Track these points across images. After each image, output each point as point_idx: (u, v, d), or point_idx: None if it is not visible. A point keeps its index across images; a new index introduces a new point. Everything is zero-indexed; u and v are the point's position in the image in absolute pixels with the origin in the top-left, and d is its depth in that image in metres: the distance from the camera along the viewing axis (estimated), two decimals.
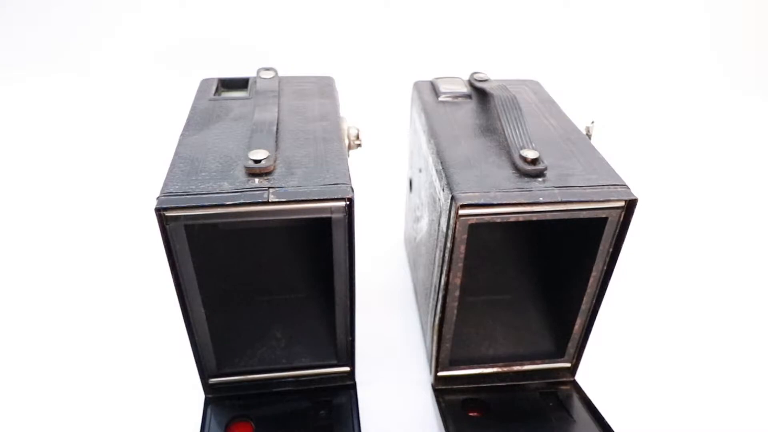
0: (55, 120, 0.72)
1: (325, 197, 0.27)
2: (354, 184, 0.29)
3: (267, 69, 0.40)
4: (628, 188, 0.29)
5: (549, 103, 0.38)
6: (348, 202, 0.28)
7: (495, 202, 0.28)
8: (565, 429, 0.33)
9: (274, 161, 0.29)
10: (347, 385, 0.36)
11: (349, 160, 0.33)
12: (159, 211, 0.26)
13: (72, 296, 0.45)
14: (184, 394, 0.36)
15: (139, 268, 0.47)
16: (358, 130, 0.35)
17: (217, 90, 0.38)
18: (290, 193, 0.27)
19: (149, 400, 0.37)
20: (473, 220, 0.29)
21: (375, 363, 0.39)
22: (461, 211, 0.29)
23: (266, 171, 0.28)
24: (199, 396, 0.35)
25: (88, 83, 0.80)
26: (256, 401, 0.35)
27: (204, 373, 0.34)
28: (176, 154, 0.30)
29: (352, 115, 0.38)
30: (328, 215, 0.28)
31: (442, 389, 0.36)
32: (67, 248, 0.50)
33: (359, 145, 0.36)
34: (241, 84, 0.39)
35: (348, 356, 0.35)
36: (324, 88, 0.39)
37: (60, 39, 0.84)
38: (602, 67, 0.87)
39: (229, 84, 0.39)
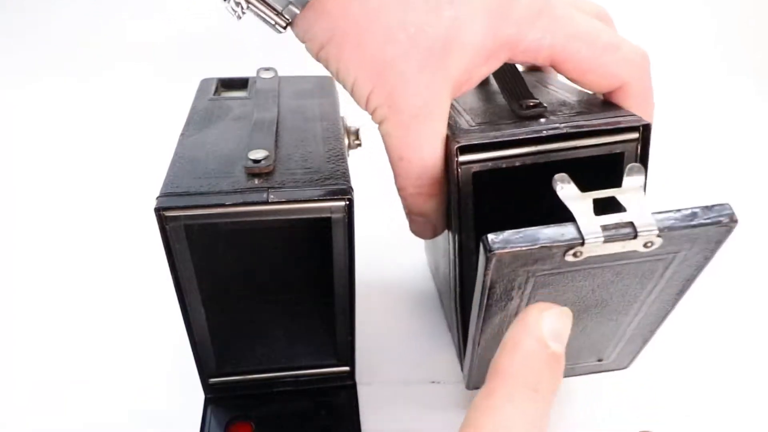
0: (55, 120, 0.72)
1: (325, 197, 0.27)
2: (354, 184, 0.29)
3: (267, 69, 0.40)
4: (640, 117, 0.28)
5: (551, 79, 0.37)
6: (348, 202, 0.28)
7: (496, 141, 0.27)
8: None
9: (274, 161, 0.29)
10: (347, 385, 0.36)
11: (349, 160, 0.33)
12: (159, 211, 0.26)
13: (72, 296, 0.44)
14: (184, 394, 0.36)
15: (139, 268, 0.47)
16: (358, 129, 0.35)
17: (217, 90, 0.38)
18: (290, 193, 0.27)
19: (149, 399, 0.37)
20: (476, 167, 0.28)
21: (375, 363, 0.39)
22: (461, 158, 0.27)
23: (266, 171, 0.28)
24: (199, 396, 0.35)
25: (87, 83, 0.80)
26: (256, 401, 0.35)
27: (204, 373, 0.34)
28: (176, 154, 0.30)
29: (352, 115, 0.38)
30: (328, 215, 0.28)
31: None
32: (67, 249, 0.50)
33: (359, 144, 0.36)
34: (241, 84, 0.39)
35: (348, 356, 0.35)
36: (324, 88, 0.39)
37: (59, 39, 0.84)
38: None
39: (229, 84, 0.39)
